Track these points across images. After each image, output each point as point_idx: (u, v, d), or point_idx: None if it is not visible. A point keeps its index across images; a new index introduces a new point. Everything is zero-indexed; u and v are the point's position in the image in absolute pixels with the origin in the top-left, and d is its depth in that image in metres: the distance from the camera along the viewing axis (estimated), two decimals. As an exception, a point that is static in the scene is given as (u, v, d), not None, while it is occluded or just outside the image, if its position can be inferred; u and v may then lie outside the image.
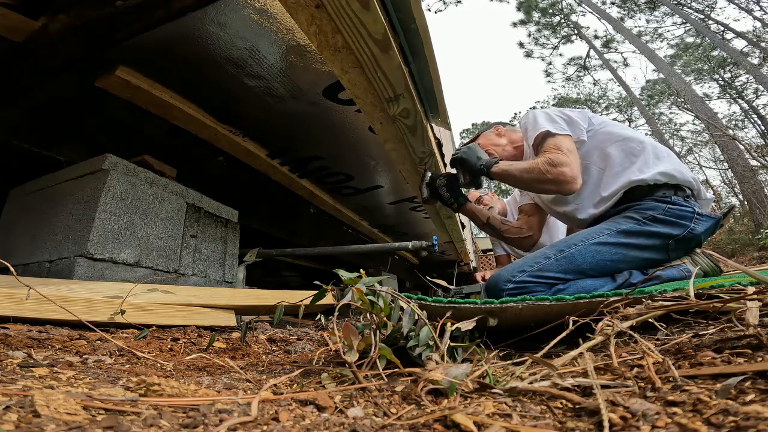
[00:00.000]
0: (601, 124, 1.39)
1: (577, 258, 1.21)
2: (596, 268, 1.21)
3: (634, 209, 1.24)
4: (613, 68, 16.41)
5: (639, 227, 1.21)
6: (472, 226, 5.62)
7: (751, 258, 7.87)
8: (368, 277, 0.61)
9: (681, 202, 1.21)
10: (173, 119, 1.60)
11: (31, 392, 0.34)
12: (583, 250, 1.22)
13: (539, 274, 1.21)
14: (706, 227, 1.21)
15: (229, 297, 1.22)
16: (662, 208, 1.20)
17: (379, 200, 2.87)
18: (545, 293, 1.19)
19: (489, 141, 1.71)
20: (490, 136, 1.73)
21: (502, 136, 1.70)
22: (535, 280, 1.21)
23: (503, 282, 1.22)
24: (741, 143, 8.86)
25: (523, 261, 1.27)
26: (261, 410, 0.37)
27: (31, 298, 0.78)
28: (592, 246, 1.22)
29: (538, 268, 1.22)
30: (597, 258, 1.21)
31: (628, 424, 0.31)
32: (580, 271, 1.21)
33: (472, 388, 0.42)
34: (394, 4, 1.12)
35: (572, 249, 1.23)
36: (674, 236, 1.19)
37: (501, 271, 1.27)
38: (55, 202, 1.39)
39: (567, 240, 1.29)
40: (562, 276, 1.21)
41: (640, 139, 1.32)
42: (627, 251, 1.21)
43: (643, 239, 1.20)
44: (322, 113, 1.70)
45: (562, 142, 1.30)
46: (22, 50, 1.19)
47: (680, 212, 1.20)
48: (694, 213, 1.20)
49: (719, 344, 0.47)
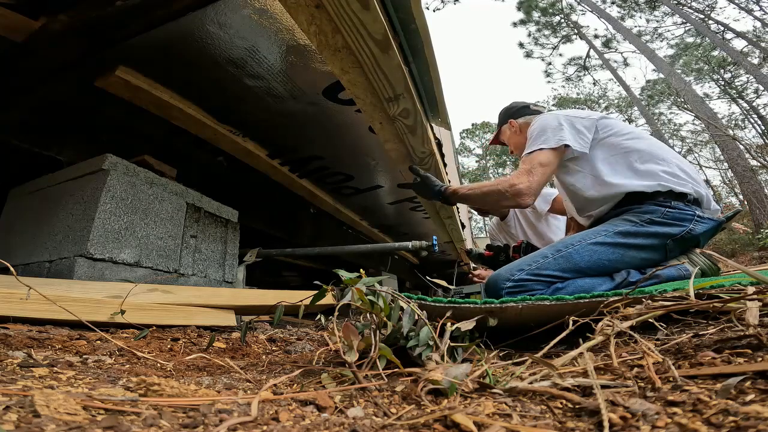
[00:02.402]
0: (606, 130, 1.36)
1: (575, 257, 1.22)
2: (594, 267, 1.22)
3: (633, 212, 1.25)
4: (613, 68, 16.41)
5: (637, 228, 1.21)
6: (471, 226, 5.61)
7: (751, 258, 7.87)
8: (368, 277, 0.61)
9: (681, 206, 1.21)
10: (173, 119, 1.60)
11: (31, 392, 0.34)
12: (581, 249, 1.23)
13: (538, 272, 1.22)
14: (706, 229, 1.21)
15: (229, 297, 1.22)
16: (661, 212, 1.21)
17: (379, 200, 2.87)
18: (544, 292, 1.19)
19: (508, 138, 1.71)
20: (507, 133, 1.71)
21: (519, 134, 1.66)
22: (534, 278, 1.21)
23: (502, 280, 1.23)
24: (741, 143, 8.86)
25: (522, 260, 1.28)
26: (261, 410, 0.37)
27: (31, 298, 0.78)
28: (590, 246, 1.23)
29: (537, 267, 1.23)
30: (594, 257, 1.22)
31: (628, 424, 0.31)
32: (578, 270, 1.22)
33: (472, 388, 0.42)
34: (394, 4, 1.12)
35: (570, 249, 1.24)
36: (672, 236, 1.20)
37: (500, 270, 1.28)
38: (55, 202, 1.39)
39: (565, 240, 1.30)
40: (560, 274, 1.22)
41: (647, 151, 1.29)
42: (625, 251, 1.22)
43: (642, 239, 1.21)
44: (322, 113, 1.70)
45: (537, 157, 1.33)
46: (22, 50, 1.19)
47: (679, 215, 1.20)
48: (694, 215, 1.20)
49: (719, 344, 0.47)
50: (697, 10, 14.53)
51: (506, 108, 1.76)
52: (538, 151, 1.33)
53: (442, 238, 3.60)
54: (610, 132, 1.35)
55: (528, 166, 1.32)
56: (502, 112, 1.77)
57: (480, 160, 30.43)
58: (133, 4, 1.09)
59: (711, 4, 14.50)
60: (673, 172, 1.25)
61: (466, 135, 31.30)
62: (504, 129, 1.72)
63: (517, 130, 1.65)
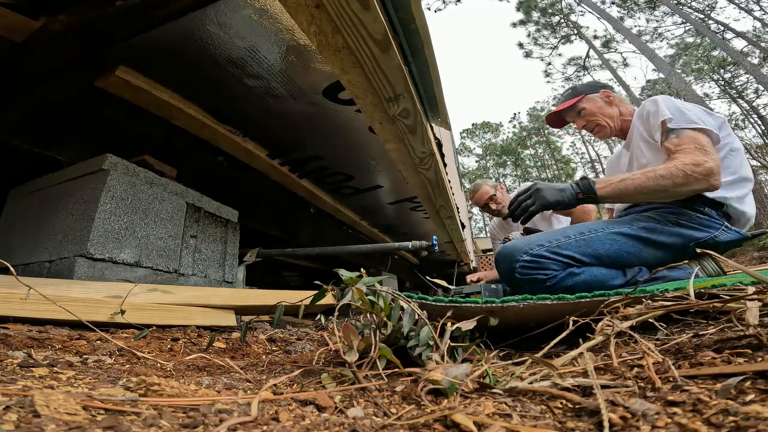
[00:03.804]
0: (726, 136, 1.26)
1: (596, 242, 1.21)
2: (612, 257, 1.20)
3: (658, 211, 1.23)
4: (612, 68, 16.41)
5: (661, 226, 1.20)
6: (471, 227, 5.62)
7: (751, 258, 7.87)
8: (368, 277, 0.61)
9: (713, 214, 1.20)
10: (173, 119, 1.60)
11: (31, 392, 0.34)
12: (603, 236, 1.22)
13: (557, 251, 1.20)
14: (730, 239, 1.20)
15: (229, 297, 1.22)
16: (689, 215, 1.19)
17: (379, 200, 2.87)
18: (558, 273, 1.19)
19: (598, 108, 1.48)
20: (597, 102, 1.49)
21: (613, 105, 1.47)
22: (552, 256, 1.19)
23: (519, 253, 1.20)
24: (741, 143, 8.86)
25: (543, 235, 1.26)
26: (261, 410, 0.37)
27: (31, 298, 0.78)
28: (612, 234, 1.22)
29: (557, 245, 1.21)
30: (615, 247, 1.20)
31: (628, 424, 0.31)
32: (597, 256, 1.20)
33: (472, 388, 0.42)
34: (394, 4, 1.12)
35: (592, 234, 1.23)
36: (696, 239, 1.18)
37: (517, 242, 1.25)
38: (55, 202, 1.39)
39: (588, 224, 1.28)
40: (578, 257, 1.20)
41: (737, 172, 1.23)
42: (644, 246, 1.21)
43: (665, 237, 1.20)
44: (322, 113, 1.70)
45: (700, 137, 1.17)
46: (22, 50, 1.19)
47: (708, 222, 1.19)
48: (722, 225, 1.19)
49: (719, 344, 0.47)
50: (697, 10, 14.54)
51: (588, 82, 1.59)
52: (694, 131, 1.16)
53: (442, 238, 3.60)
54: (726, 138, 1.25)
55: (692, 145, 1.14)
56: (584, 84, 1.56)
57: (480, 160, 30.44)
58: (133, 4, 1.09)
59: (711, 4, 14.50)
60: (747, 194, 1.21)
61: (466, 135, 31.30)
62: (591, 98, 1.50)
63: (613, 101, 1.48)
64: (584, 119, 1.51)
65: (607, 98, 1.48)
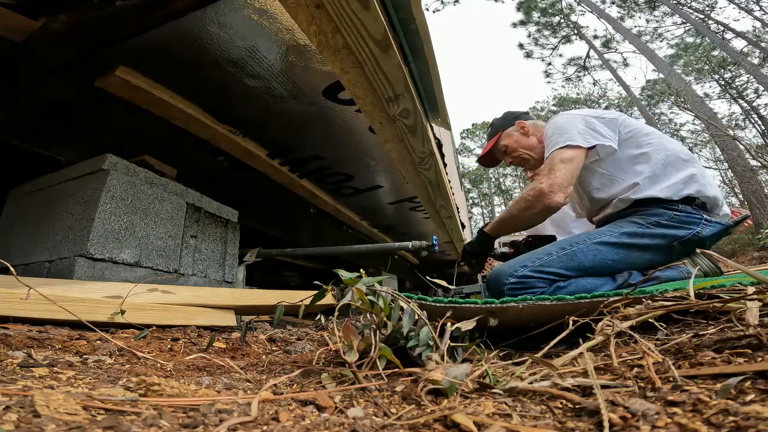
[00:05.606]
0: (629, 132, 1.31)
1: (579, 256, 1.22)
2: (597, 267, 1.21)
3: (640, 214, 1.24)
4: (613, 68, 16.40)
5: (643, 230, 1.20)
6: (471, 227, 5.62)
7: (751, 258, 7.87)
8: (368, 277, 0.61)
9: (689, 210, 1.20)
10: (173, 119, 1.60)
11: (31, 392, 0.34)
12: (585, 248, 1.22)
13: (541, 269, 1.21)
14: (713, 232, 1.20)
15: (229, 297, 1.22)
16: (668, 215, 1.20)
17: (379, 200, 2.87)
18: (546, 289, 1.19)
19: (516, 142, 1.53)
20: (514, 136, 1.54)
21: (529, 135, 1.52)
22: (536, 275, 1.21)
23: (505, 276, 1.22)
24: (741, 143, 8.85)
25: (525, 256, 1.27)
26: (261, 410, 0.37)
27: (31, 298, 0.78)
28: (594, 245, 1.22)
29: (540, 264, 1.22)
30: (598, 257, 1.21)
31: (628, 424, 0.31)
32: (581, 269, 1.22)
33: (472, 388, 0.42)
34: (394, 4, 1.12)
35: (574, 247, 1.24)
36: (679, 238, 1.19)
37: (503, 266, 1.27)
38: (55, 202, 1.39)
39: (570, 239, 1.29)
40: (563, 272, 1.21)
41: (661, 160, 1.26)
42: (629, 252, 1.21)
43: (648, 240, 1.20)
44: (322, 113, 1.70)
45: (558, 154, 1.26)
46: (22, 50, 1.19)
47: (686, 218, 1.19)
48: (702, 219, 1.19)
49: (719, 344, 0.47)
50: (697, 10, 14.53)
51: (504, 114, 1.64)
52: (559, 149, 1.26)
53: (442, 238, 3.60)
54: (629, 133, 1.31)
55: (548, 164, 1.26)
56: (501, 118, 1.63)
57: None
58: (133, 4, 1.09)
59: (711, 4, 14.49)
60: (689, 176, 1.22)
61: (466, 135, 31.29)
62: (508, 133, 1.56)
63: (528, 131, 1.52)
64: (509, 156, 1.58)
65: (522, 129, 1.53)
